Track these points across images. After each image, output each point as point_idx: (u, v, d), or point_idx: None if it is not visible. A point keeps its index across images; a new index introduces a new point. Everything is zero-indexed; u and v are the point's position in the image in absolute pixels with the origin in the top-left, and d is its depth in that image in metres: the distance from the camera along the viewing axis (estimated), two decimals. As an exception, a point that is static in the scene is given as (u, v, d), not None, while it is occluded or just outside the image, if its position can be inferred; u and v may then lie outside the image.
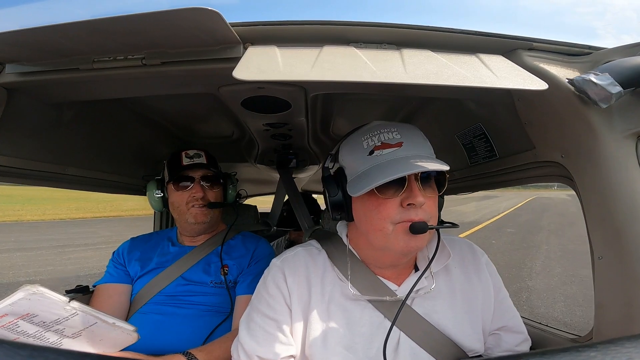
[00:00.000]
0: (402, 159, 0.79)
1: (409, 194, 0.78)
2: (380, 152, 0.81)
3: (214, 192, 1.44)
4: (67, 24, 0.69)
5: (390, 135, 0.83)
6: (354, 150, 0.86)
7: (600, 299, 0.83)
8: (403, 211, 0.79)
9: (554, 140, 0.91)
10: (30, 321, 0.72)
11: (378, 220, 0.81)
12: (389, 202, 0.79)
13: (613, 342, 0.38)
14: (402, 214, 0.79)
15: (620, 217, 0.76)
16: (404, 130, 0.84)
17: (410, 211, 0.78)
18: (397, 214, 0.79)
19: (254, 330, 0.86)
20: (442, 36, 0.83)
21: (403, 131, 0.84)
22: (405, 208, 0.79)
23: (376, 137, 0.83)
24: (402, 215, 0.78)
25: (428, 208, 0.80)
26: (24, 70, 0.91)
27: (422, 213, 0.79)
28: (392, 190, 0.79)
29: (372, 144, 0.83)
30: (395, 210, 0.79)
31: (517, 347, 0.95)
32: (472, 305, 0.90)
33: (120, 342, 0.86)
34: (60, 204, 20.55)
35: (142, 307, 1.33)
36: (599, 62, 0.81)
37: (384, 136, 0.83)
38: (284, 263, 0.91)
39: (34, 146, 1.17)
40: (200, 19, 0.69)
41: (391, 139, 0.82)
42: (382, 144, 0.82)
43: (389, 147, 0.81)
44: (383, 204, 0.80)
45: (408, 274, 0.91)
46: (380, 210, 0.80)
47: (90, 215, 17.02)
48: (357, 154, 0.84)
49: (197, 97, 1.26)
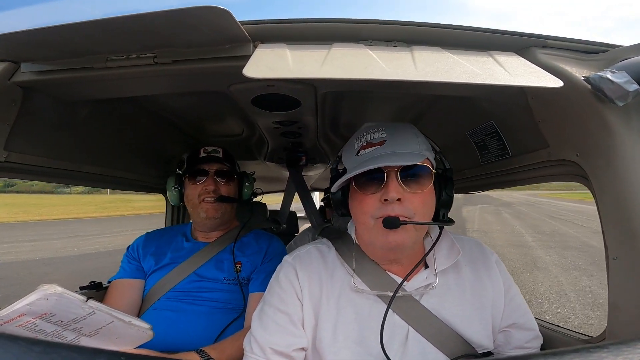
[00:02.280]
0: (379, 157, 0.82)
1: (386, 190, 0.81)
2: (364, 152, 0.85)
3: (227, 187, 1.45)
4: (81, 23, 0.70)
5: (375, 135, 0.87)
6: (348, 151, 0.91)
7: (614, 300, 0.82)
8: (382, 206, 0.81)
9: (569, 139, 0.90)
10: (48, 320, 0.73)
11: (361, 215, 0.85)
12: (370, 198, 0.83)
13: (625, 343, 0.37)
14: (381, 209, 0.81)
15: (636, 217, 0.75)
16: (391, 129, 0.87)
17: (387, 207, 0.81)
18: (377, 209, 0.82)
19: (266, 323, 0.87)
20: (453, 34, 0.83)
21: (390, 130, 0.86)
22: (383, 203, 0.81)
23: (364, 137, 0.88)
24: (380, 210, 0.81)
25: (410, 204, 0.81)
26: (39, 69, 0.92)
27: (399, 208, 0.80)
28: (374, 186, 0.82)
29: (359, 144, 0.88)
30: (375, 205, 0.82)
31: (528, 344, 0.95)
32: (482, 302, 0.91)
33: (135, 339, 0.87)
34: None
35: (155, 303, 1.34)
36: (615, 59, 0.79)
37: (370, 136, 0.87)
38: (296, 260, 0.94)
39: (50, 144, 1.19)
40: (210, 17, 0.69)
41: (375, 138, 0.86)
42: (367, 144, 0.86)
43: (372, 146, 0.85)
44: (365, 199, 0.84)
45: (418, 270, 0.91)
46: (363, 206, 0.84)
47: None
48: (350, 155, 0.89)
49: (207, 95, 1.27)
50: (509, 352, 0.95)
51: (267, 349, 0.84)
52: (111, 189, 1.77)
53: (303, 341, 0.86)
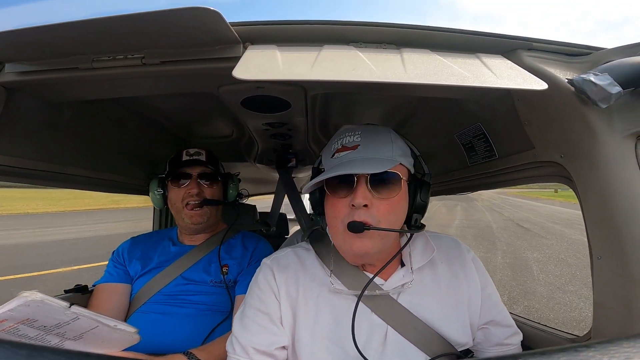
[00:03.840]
0: (350, 162, 0.83)
1: (354, 195, 0.81)
2: (339, 155, 0.86)
3: (211, 190, 1.44)
4: (67, 24, 0.69)
5: (351, 138, 0.87)
6: (326, 153, 0.92)
7: (598, 299, 0.83)
8: (350, 212, 0.82)
9: (553, 141, 0.91)
10: (30, 325, 0.72)
11: (332, 219, 0.86)
12: (340, 202, 0.84)
13: (611, 341, 0.38)
14: (350, 214, 0.82)
15: (619, 217, 0.76)
16: (367, 133, 0.87)
17: (354, 212, 0.81)
18: (346, 215, 0.82)
19: (247, 324, 0.88)
20: (442, 36, 0.83)
21: (366, 134, 0.87)
22: (351, 209, 0.81)
23: (340, 140, 0.89)
24: (349, 216, 0.81)
25: (375, 211, 0.81)
26: (23, 69, 0.90)
27: (365, 214, 0.80)
28: (344, 191, 0.83)
29: (335, 147, 0.88)
30: (344, 210, 0.83)
31: (507, 341, 0.96)
32: (458, 300, 0.92)
33: (121, 343, 0.87)
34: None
35: (141, 307, 1.33)
36: (598, 62, 0.81)
37: (346, 139, 0.88)
38: (274, 262, 0.96)
39: (34, 145, 1.16)
40: (200, 18, 0.69)
41: (350, 142, 0.87)
42: (342, 147, 0.87)
43: (346, 149, 0.86)
44: (335, 204, 0.85)
45: (395, 269, 0.93)
46: (333, 210, 0.85)
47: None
48: (326, 156, 0.90)
49: (196, 96, 1.26)
50: (490, 349, 0.97)
51: (250, 349, 0.85)
52: (98, 191, 1.74)
53: (284, 339, 0.87)
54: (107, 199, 24.23)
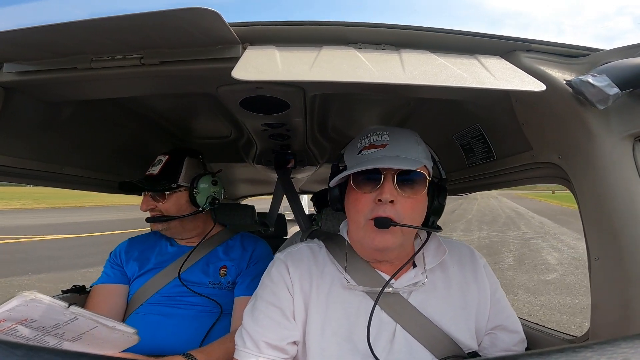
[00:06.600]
0: (380, 158, 0.84)
1: (381, 190, 0.82)
2: (366, 152, 0.87)
3: (166, 204, 1.36)
4: (66, 24, 0.69)
5: (379, 137, 0.89)
6: (350, 150, 0.93)
7: (596, 300, 0.84)
8: (375, 207, 0.83)
9: (551, 142, 0.92)
10: (29, 326, 0.71)
11: (354, 213, 0.88)
12: (365, 197, 0.85)
13: (609, 342, 0.38)
14: (374, 210, 0.83)
15: (616, 218, 0.77)
16: (395, 134, 0.89)
17: (379, 207, 0.82)
18: (370, 210, 0.84)
19: (259, 318, 0.88)
20: (441, 37, 0.84)
21: (394, 135, 0.88)
22: (377, 204, 0.82)
23: (367, 139, 0.90)
24: (373, 211, 0.83)
25: (400, 207, 0.83)
26: (22, 69, 0.90)
27: (390, 210, 0.82)
28: (370, 186, 0.84)
29: (362, 145, 0.90)
30: (369, 205, 0.84)
31: (514, 347, 0.96)
32: (467, 302, 0.93)
33: (120, 344, 0.86)
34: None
35: (139, 308, 1.32)
36: (596, 63, 0.81)
37: (374, 138, 0.89)
38: (288, 256, 0.96)
39: (31, 145, 1.16)
40: (199, 19, 0.69)
41: (378, 140, 0.88)
42: (370, 145, 0.88)
43: (374, 147, 0.87)
44: (360, 198, 0.86)
45: (407, 269, 0.93)
46: (357, 204, 0.86)
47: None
48: (352, 154, 0.91)
49: (195, 96, 1.25)
50: (496, 355, 0.96)
51: (261, 343, 0.85)
52: (95, 191, 1.73)
53: (296, 334, 0.87)
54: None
